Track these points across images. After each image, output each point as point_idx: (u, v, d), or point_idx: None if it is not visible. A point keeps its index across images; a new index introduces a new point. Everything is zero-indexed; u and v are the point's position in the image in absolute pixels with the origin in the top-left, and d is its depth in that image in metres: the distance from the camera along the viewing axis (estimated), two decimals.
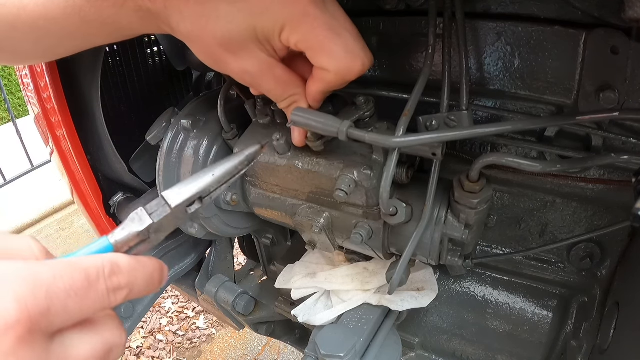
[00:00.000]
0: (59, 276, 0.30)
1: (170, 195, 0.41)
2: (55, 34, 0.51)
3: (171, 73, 1.18)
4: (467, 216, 0.62)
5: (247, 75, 0.52)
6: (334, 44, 0.49)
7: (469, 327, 0.93)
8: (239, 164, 0.46)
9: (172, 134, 0.78)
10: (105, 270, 0.33)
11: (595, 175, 0.71)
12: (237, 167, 0.45)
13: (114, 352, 0.35)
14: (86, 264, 0.33)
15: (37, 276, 0.30)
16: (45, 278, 0.30)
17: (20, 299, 0.28)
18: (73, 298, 0.31)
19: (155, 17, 0.49)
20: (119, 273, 0.34)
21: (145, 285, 0.37)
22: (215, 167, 0.44)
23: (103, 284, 0.33)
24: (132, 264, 0.36)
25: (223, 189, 0.44)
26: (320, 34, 0.48)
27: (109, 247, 0.38)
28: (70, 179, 0.99)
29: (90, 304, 0.32)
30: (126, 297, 0.35)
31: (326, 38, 0.48)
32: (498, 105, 0.72)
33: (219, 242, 1.07)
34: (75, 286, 0.31)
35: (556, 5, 0.62)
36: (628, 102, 0.61)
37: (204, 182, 0.43)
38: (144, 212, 0.40)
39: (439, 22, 0.61)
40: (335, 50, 0.49)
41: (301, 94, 0.56)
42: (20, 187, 2.91)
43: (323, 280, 0.85)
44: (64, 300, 0.30)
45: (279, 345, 2.35)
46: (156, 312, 2.64)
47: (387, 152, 0.59)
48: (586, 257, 0.78)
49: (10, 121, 2.93)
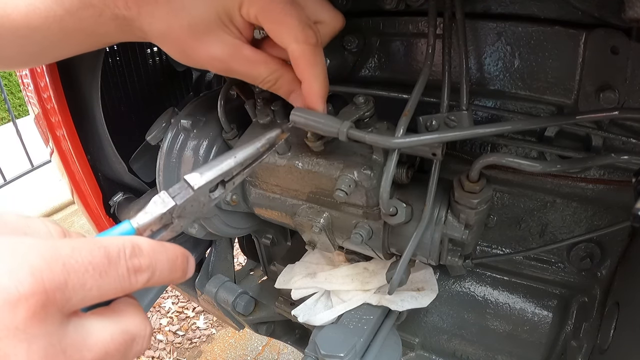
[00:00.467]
0: (77, 250, 0.29)
1: (192, 177, 0.40)
2: (38, 43, 0.52)
3: (171, 73, 1.18)
4: (467, 216, 0.62)
5: (216, 61, 0.53)
6: (289, 15, 0.49)
7: (469, 327, 0.93)
8: (260, 147, 0.45)
9: (172, 134, 0.78)
10: (127, 250, 0.32)
11: (595, 175, 0.71)
12: (259, 150, 0.45)
13: (137, 343, 0.33)
14: (106, 242, 0.31)
15: (55, 250, 0.28)
16: (63, 252, 0.28)
17: (36, 271, 0.26)
18: (91, 274, 0.29)
19: (130, 24, 0.50)
20: (140, 255, 0.32)
21: (168, 272, 0.35)
22: (237, 150, 0.44)
23: (124, 264, 0.31)
24: (155, 247, 0.34)
25: (245, 173, 0.44)
26: (277, 5, 0.49)
27: (132, 230, 0.37)
28: (70, 179, 0.99)
29: (110, 284, 0.30)
30: (147, 281, 0.33)
31: (282, 10, 0.49)
32: (498, 105, 0.72)
33: (219, 242, 1.07)
34: (94, 262, 0.29)
35: (556, 5, 0.62)
36: (628, 102, 0.61)
37: (226, 165, 0.42)
38: (167, 195, 0.39)
39: (439, 22, 0.61)
40: (290, 22, 0.49)
41: (280, 70, 0.55)
42: (20, 187, 2.91)
43: (323, 280, 0.85)
44: (82, 276, 0.28)
45: (279, 345, 2.35)
46: (156, 312, 2.64)
47: (387, 152, 0.59)
48: (586, 257, 0.78)
49: (10, 121, 2.93)
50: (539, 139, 0.69)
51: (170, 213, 0.38)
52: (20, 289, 0.26)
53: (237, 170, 0.43)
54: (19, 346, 0.26)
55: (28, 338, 0.26)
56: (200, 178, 0.40)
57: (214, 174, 0.41)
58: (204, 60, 0.53)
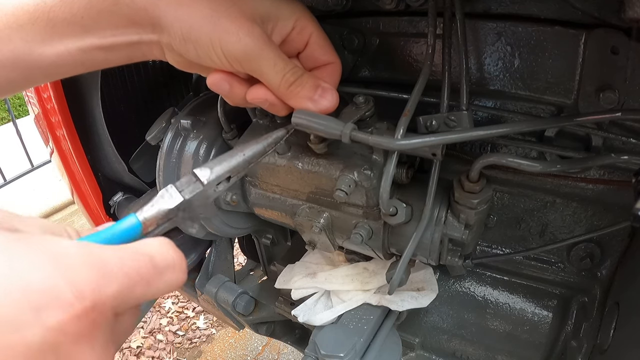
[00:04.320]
0: (125, 260, 0.31)
1: (201, 172, 0.40)
2: None
3: (171, 73, 1.18)
4: (467, 216, 0.62)
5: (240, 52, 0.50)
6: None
7: (469, 327, 0.93)
8: (267, 145, 0.45)
9: (172, 134, 0.78)
10: (169, 259, 0.34)
11: (595, 175, 0.71)
12: (266, 149, 0.46)
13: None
14: (150, 250, 0.33)
15: (104, 260, 0.30)
16: (113, 262, 0.30)
17: (93, 283, 0.28)
18: (139, 284, 0.31)
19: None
20: (174, 266, 0.34)
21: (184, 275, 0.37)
22: (245, 147, 0.44)
23: (170, 273, 0.34)
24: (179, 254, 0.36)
25: (245, 170, 0.44)
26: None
27: (138, 224, 0.37)
28: (70, 179, 0.99)
29: (153, 292, 0.32)
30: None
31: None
32: (498, 106, 0.72)
33: (219, 242, 1.07)
34: (141, 272, 0.31)
35: (556, 5, 0.62)
36: (628, 102, 0.61)
37: (236, 161, 0.42)
38: (174, 189, 0.38)
39: (439, 22, 0.61)
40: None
41: (301, 68, 0.53)
42: (20, 187, 2.91)
43: (323, 281, 0.85)
44: (133, 286, 0.30)
45: (279, 345, 2.35)
46: (156, 312, 2.64)
47: (387, 152, 0.59)
48: (586, 257, 0.78)
49: (10, 121, 2.93)
50: (539, 139, 0.69)
51: (178, 208, 0.38)
52: (82, 301, 0.27)
53: (244, 167, 0.43)
54: (84, 351, 0.28)
55: (91, 342, 0.29)
56: (211, 173, 0.40)
57: (223, 169, 0.41)
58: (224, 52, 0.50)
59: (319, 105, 0.53)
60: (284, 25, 0.51)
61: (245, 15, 0.48)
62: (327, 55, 0.55)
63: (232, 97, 0.56)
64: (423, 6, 0.67)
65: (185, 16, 0.47)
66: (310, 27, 0.52)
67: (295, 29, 0.52)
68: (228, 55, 0.48)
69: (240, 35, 0.47)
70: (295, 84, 0.51)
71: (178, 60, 0.53)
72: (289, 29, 0.52)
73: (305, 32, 0.52)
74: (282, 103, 0.54)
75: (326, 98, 0.53)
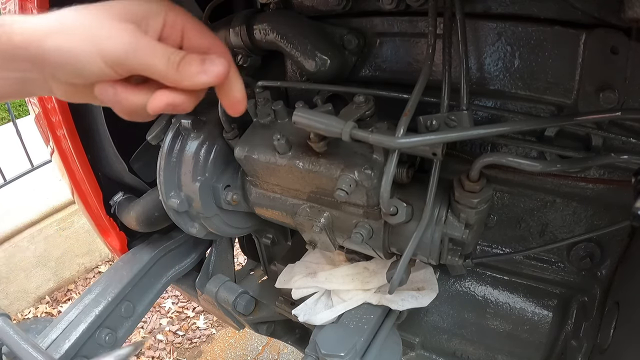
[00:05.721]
0: None
1: None
2: None
3: None
4: (468, 216, 0.62)
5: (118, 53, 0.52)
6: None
7: (469, 326, 0.93)
8: None
9: (172, 133, 0.78)
10: None
11: (595, 175, 0.71)
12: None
13: None
14: None
15: None
16: None
17: None
18: None
19: None
20: None
21: None
22: None
23: None
24: None
25: None
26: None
27: None
28: (70, 178, 0.99)
29: None
30: None
31: None
32: (498, 105, 0.72)
33: (219, 242, 1.07)
34: None
35: (556, 6, 0.62)
36: (628, 101, 0.61)
37: None
38: None
39: (439, 22, 0.61)
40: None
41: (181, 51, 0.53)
42: (20, 187, 2.91)
43: (323, 280, 0.85)
44: None
45: (279, 345, 2.35)
46: (156, 312, 2.64)
47: (387, 152, 0.59)
48: (586, 256, 0.78)
49: (10, 121, 2.93)
50: (539, 138, 0.69)
51: None
52: None
53: None
54: None
55: None
56: None
57: None
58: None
59: (210, 73, 0.52)
60: (155, 22, 0.52)
61: (117, 18, 0.50)
62: (206, 39, 0.55)
63: (122, 106, 0.54)
64: (423, 6, 0.67)
65: (62, 42, 0.49)
66: (181, 19, 0.54)
67: (167, 24, 0.53)
68: (109, 61, 0.49)
69: (116, 36, 0.49)
70: (182, 63, 0.51)
71: (66, 89, 0.53)
72: (160, 25, 0.53)
73: (177, 25, 0.53)
74: (184, 96, 0.54)
75: (216, 64, 0.52)
